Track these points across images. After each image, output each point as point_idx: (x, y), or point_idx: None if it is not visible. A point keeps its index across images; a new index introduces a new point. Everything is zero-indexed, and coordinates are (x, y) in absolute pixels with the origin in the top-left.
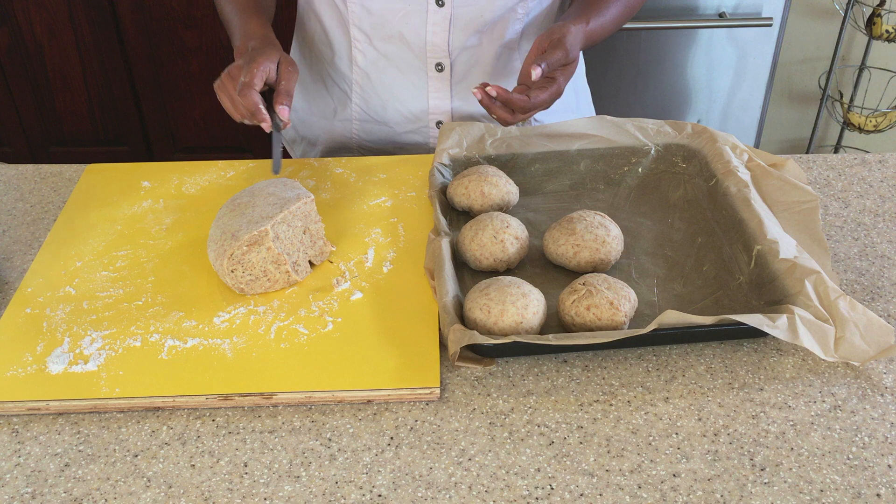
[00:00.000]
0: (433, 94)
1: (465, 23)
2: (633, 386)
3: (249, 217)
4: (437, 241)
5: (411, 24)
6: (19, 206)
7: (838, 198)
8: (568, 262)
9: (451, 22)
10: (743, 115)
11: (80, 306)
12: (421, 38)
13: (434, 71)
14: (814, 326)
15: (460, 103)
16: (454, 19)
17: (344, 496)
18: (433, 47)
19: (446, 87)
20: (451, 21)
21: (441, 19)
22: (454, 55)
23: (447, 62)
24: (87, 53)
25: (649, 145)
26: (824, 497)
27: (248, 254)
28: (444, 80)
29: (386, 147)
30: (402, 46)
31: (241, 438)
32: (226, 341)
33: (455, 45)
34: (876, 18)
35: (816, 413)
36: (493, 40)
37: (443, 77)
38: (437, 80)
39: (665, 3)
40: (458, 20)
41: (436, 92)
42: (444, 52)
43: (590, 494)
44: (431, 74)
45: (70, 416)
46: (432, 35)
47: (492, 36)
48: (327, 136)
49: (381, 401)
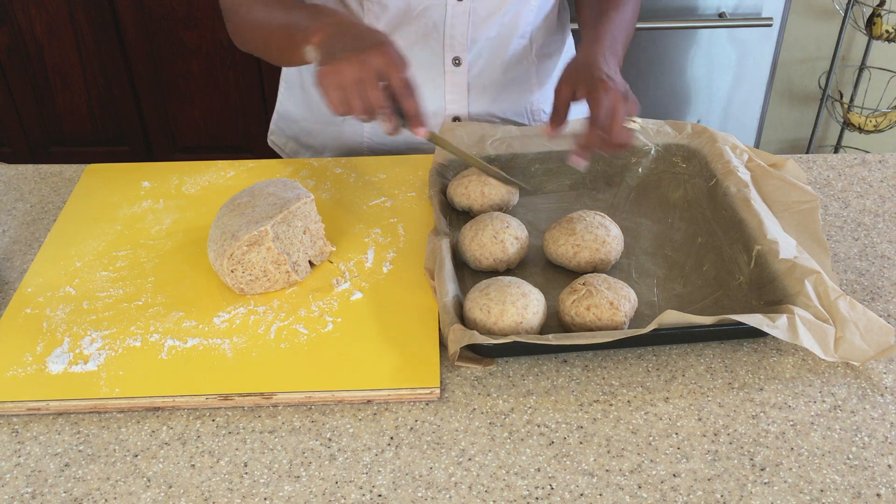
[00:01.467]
0: (450, 90)
1: (483, 16)
2: (633, 386)
3: (249, 217)
4: (437, 241)
5: (430, 18)
6: (19, 206)
7: (838, 198)
8: (568, 262)
9: (469, 15)
10: (743, 115)
11: (80, 306)
12: (440, 32)
13: (451, 65)
14: (814, 326)
15: (477, 98)
16: (473, 13)
17: (344, 496)
18: (452, 41)
19: (463, 83)
20: (469, 14)
21: (461, 12)
22: (472, 48)
23: (465, 56)
24: (87, 53)
25: (649, 145)
26: (824, 497)
27: (247, 254)
28: (462, 75)
29: (400, 148)
30: (419, 42)
31: (241, 438)
32: (226, 341)
33: (473, 38)
34: (876, 18)
35: (816, 413)
36: (508, 31)
37: (460, 72)
38: (454, 75)
39: (665, 3)
40: (477, 13)
41: (452, 87)
42: (464, 45)
43: (590, 494)
44: (448, 69)
45: (70, 416)
46: (451, 28)
47: (508, 28)
48: (336, 142)
49: (381, 401)
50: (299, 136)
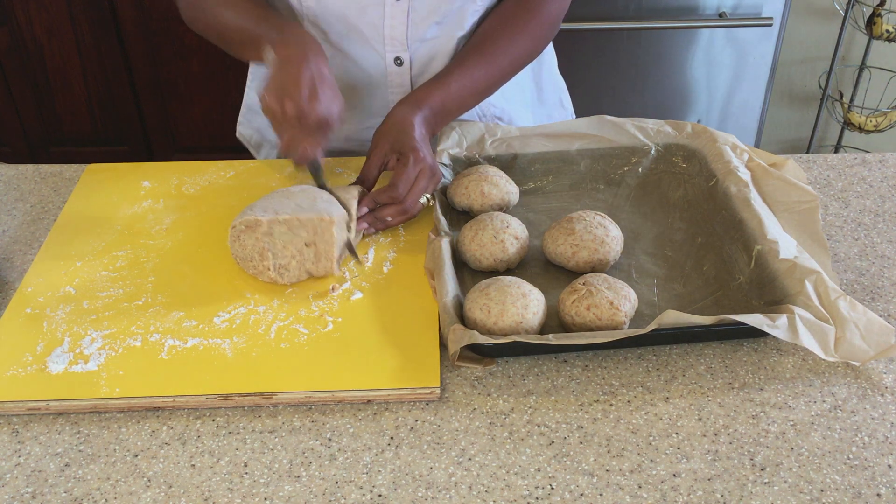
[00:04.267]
0: (393, 90)
1: (423, 15)
2: (633, 386)
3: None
4: (437, 241)
5: (368, 18)
6: (19, 206)
7: (838, 198)
8: (567, 261)
9: (408, 14)
10: (743, 115)
11: (80, 306)
12: (379, 32)
13: (393, 65)
14: (814, 326)
15: None
16: (412, 11)
17: (344, 496)
18: (392, 41)
19: (406, 83)
20: (409, 13)
21: (399, 12)
22: (413, 48)
23: (406, 56)
24: (87, 53)
25: (649, 145)
26: (824, 497)
27: (244, 233)
28: (405, 75)
29: (350, 145)
30: (359, 42)
31: (241, 438)
32: (226, 341)
33: (414, 38)
34: (876, 18)
35: (816, 413)
36: (451, 31)
37: (402, 72)
38: (397, 76)
39: (665, 3)
40: (417, 12)
41: (396, 87)
42: (403, 45)
43: (590, 494)
44: (391, 69)
45: (70, 416)
46: (390, 29)
47: (450, 27)
48: None
49: (381, 401)
50: (262, 128)
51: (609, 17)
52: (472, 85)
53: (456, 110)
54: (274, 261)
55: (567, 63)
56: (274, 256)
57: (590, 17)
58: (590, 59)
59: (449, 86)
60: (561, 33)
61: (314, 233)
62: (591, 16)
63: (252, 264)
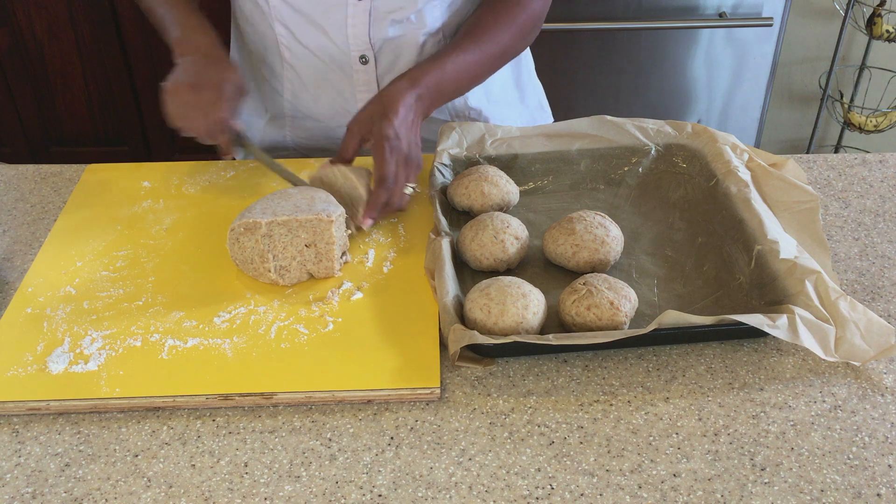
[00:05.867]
0: (360, 88)
1: (384, 14)
2: (633, 386)
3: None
4: (438, 241)
5: (331, 17)
6: (19, 206)
7: (838, 198)
8: (567, 262)
9: (370, 14)
10: (743, 115)
11: (80, 306)
12: (342, 31)
13: (359, 64)
14: (814, 326)
15: None
16: (374, 10)
17: (344, 496)
18: (356, 39)
19: (372, 80)
20: (370, 13)
21: (360, 12)
22: (377, 47)
23: (371, 54)
24: (87, 53)
25: (649, 145)
26: (824, 497)
27: (243, 235)
28: (370, 73)
29: (320, 143)
30: (324, 40)
31: (241, 438)
32: (226, 341)
33: (377, 37)
34: (876, 18)
35: (817, 413)
36: (416, 29)
37: (368, 70)
38: (363, 74)
39: (665, 3)
40: (378, 11)
41: (362, 85)
42: (367, 44)
43: (590, 494)
44: (356, 68)
45: (70, 416)
46: (353, 28)
47: (414, 25)
48: (260, 135)
49: (381, 401)
50: None
51: (609, 17)
52: (466, 68)
53: (450, 92)
54: (275, 262)
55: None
56: (274, 258)
57: (590, 17)
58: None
59: (444, 66)
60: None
61: (314, 233)
62: (591, 16)
63: (252, 266)
